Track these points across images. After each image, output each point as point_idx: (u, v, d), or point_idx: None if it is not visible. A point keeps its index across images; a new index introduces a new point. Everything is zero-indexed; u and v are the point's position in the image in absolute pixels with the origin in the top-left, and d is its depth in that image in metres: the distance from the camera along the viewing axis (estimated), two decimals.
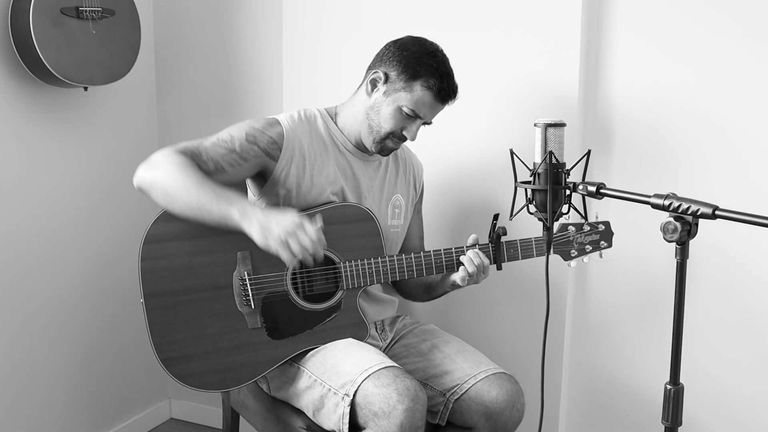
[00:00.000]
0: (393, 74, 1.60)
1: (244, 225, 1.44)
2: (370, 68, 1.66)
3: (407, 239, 1.86)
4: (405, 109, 1.59)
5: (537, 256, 1.68)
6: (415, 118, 1.61)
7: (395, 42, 1.65)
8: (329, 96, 1.92)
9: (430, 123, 1.66)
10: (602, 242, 1.70)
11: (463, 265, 1.63)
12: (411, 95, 1.59)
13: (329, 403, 1.53)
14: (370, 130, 1.64)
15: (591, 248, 1.70)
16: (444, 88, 1.60)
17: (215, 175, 1.55)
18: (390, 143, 1.64)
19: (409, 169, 1.84)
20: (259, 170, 1.63)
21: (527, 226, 1.80)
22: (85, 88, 2.04)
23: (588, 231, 1.69)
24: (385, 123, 1.61)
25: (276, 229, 1.42)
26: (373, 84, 1.63)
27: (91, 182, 2.25)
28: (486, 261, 1.63)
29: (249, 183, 1.69)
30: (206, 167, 1.54)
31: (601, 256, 1.71)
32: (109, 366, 2.36)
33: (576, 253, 1.69)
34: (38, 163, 2.08)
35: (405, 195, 1.81)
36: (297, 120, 1.65)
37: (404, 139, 1.64)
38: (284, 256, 1.42)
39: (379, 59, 1.65)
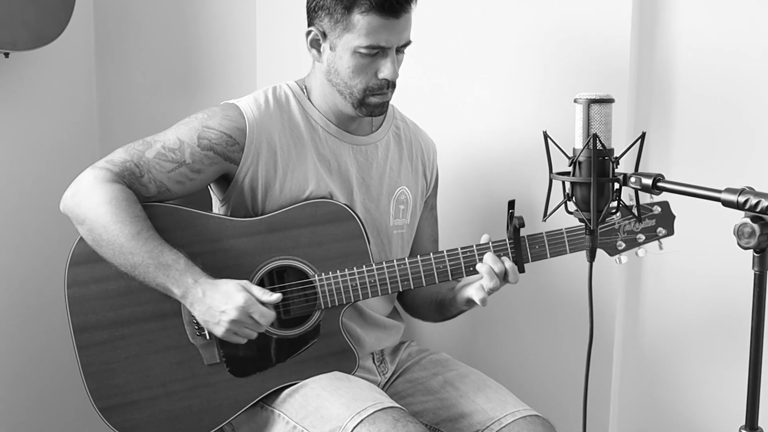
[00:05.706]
0: (327, 24, 1.60)
1: (185, 304, 1.54)
2: (307, 33, 1.66)
3: (416, 243, 1.86)
4: (361, 50, 1.58)
5: (571, 252, 1.65)
6: (378, 52, 1.59)
7: None
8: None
9: (404, 47, 1.63)
10: (660, 229, 1.65)
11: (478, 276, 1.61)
12: (356, 31, 1.57)
13: None
14: (342, 96, 1.64)
15: (644, 238, 1.65)
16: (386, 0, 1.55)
17: (159, 197, 1.59)
18: (374, 99, 1.63)
19: (417, 153, 1.83)
20: (221, 175, 1.65)
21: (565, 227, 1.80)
22: (6, 54, 2.04)
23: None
24: (351, 79, 1.61)
25: (219, 318, 1.50)
26: (316, 46, 1.64)
27: (13, 172, 2.24)
28: (509, 264, 1.61)
29: (212, 185, 1.71)
30: (146, 191, 1.58)
31: (660, 247, 1.66)
32: (35, 404, 2.35)
33: (624, 245, 1.64)
34: None
35: (413, 186, 1.80)
36: (264, 106, 1.66)
37: (387, 84, 1.62)
38: (231, 340, 1.54)
39: (308, 17, 1.65)
